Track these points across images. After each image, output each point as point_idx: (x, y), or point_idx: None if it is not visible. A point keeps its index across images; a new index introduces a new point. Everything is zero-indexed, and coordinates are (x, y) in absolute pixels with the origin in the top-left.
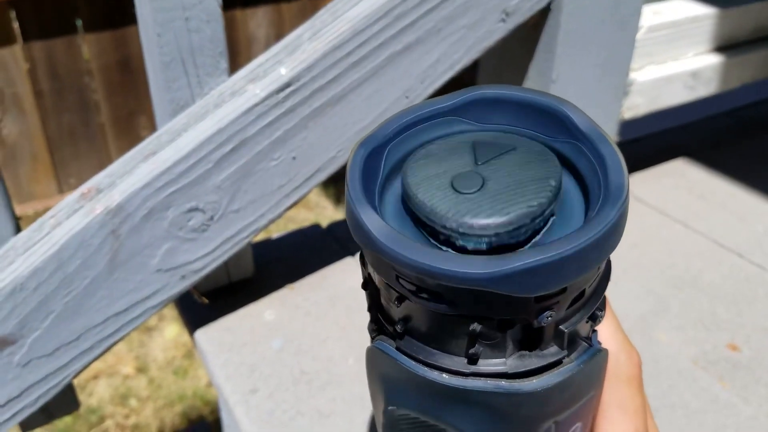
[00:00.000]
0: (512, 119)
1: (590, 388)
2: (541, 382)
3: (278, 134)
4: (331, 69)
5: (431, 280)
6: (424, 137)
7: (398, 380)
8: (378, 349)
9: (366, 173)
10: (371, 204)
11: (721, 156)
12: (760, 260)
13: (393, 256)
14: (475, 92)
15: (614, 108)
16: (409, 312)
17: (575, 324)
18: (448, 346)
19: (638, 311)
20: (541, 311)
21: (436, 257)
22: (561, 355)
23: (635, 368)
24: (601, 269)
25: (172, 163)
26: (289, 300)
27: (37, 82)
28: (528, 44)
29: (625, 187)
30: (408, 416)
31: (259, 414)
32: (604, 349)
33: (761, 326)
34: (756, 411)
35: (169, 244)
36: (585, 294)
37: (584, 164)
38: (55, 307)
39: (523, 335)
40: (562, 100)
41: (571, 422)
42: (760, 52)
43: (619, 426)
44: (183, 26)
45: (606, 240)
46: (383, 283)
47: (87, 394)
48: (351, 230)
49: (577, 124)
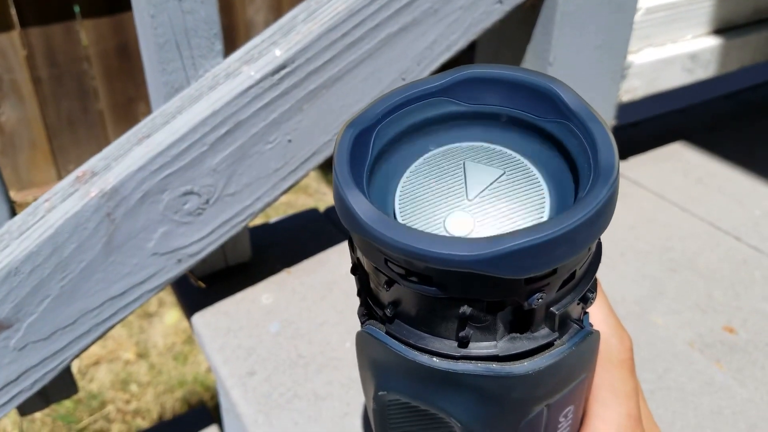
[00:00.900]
0: (502, 99)
1: (582, 371)
2: (532, 365)
3: (273, 116)
4: (327, 50)
5: (420, 263)
6: (414, 118)
7: (388, 365)
8: (368, 334)
9: (354, 155)
10: (359, 186)
11: (719, 139)
12: (757, 243)
13: (381, 239)
14: (465, 72)
15: (612, 91)
16: (398, 296)
17: (566, 306)
18: (438, 329)
19: (635, 295)
20: (531, 293)
21: (424, 240)
22: (552, 337)
23: (627, 352)
24: (592, 250)
25: (167, 145)
26: (286, 284)
27: (36, 68)
28: (525, 26)
29: (616, 166)
30: (398, 401)
31: (256, 397)
32: (596, 331)
33: (758, 309)
34: (752, 393)
35: (165, 227)
36: (576, 275)
37: (574, 144)
38: (50, 291)
39: (513, 317)
40: (552, 78)
41: (564, 405)
42: (759, 35)
43: (612, 409)
44: (177, 7)
45: (596, 220)
46: (372, 267)
47: (88, 380)
48: (338, 214)
49: (567, 102)
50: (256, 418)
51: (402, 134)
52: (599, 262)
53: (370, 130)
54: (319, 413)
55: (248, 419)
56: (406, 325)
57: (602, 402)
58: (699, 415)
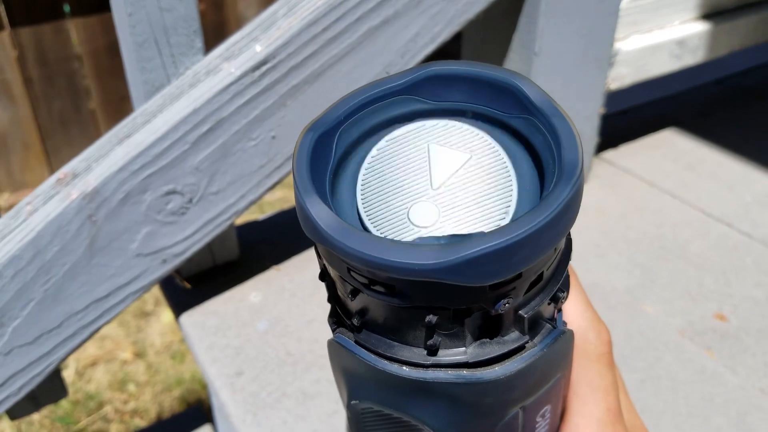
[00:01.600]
0: (467, 95)
1: (556, 371)
2: (503, 369)
3: (256, 113)
4: (308, 45)
5: (381, 273)
6: (378, 118)
7: (359, 374)
8: (337, 343)
9: (315, 159)
10: (319, 193)
11: (710, 125)
12: (749, 229)
13: (340, 248)
14: (428, 69)
15: (599, 79)
16: (364, 305)
17: (535, 308)
18: (406, 337)
19: (625, 284)
20: (497, 299)
21: (385, 249)
22: (523, 340)
23: (605, 345)
24: (559, 249)
25: (148, 145)
26: (275, 282)
27: (27, 68)
28: (510, 16)
29: (579, 163)
30: (371, 409)
31: (244, 396)
32: (569, 331)
33: (749, 295)
34: (743, 381)
35: (148, 228)
36: (543, 276)
37: (539, 139)
38: (34, 295)
39: (481, 323)
40: (516, 73)
41: (540, 406)
42: (748, 19)
43: (591, 405)
44: (155, 5)
45: (560, 220)
46: (337, 275)
47: (85, 381)
48: (300, 221)
49: (530, 97)
50: (244, 418)
51: (366, 134)
52: (569, 260)
53: (331, 132)
54: (307, 412)
55: (236, 419)
56: (375, 333)
57: (581, 398)
58: (690, 404)
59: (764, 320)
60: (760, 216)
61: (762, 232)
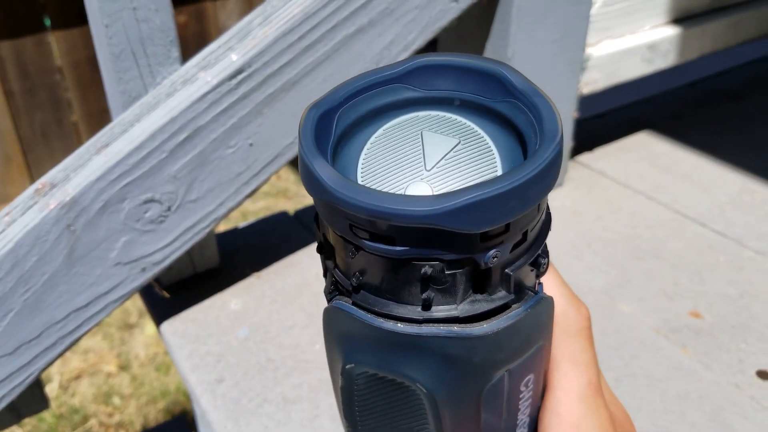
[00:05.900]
0: (455, 84)
1: (539, 337)
2: (491, 326)
3: (233, 121)
4: (284, 54)
5: (383, 222)
6: (373, 103)
7: (355, 336)
8: (335, 308)
9: (318, 133)
10: (324, 156)
11: (683, 128)
12: (722, 228)
13: (345, 200)
14: (420, 60)
15: (572, 83)
16: (363, 265)
17: (520, 267)
18: (402, 295)
19: (601, 284)
20: (486, 250)
21: (386, 198)
22: (509, 298)
23: (584, 321)
24: (542, 213)
25: (125, 154)
26: (255, 288)
27: (7, 81)
28: (483, 23)
29: (559, 131)
30: (365, 373)
31: (225, 403)
32: (549, 297)
33: (723, 293)
34: (718, 376)
35: (127, 236)
36: (527, 238)
37: (522, 119)
38: (13, 305)
39: (472, 278)
40: (500, 62)
41: (524, 373)
42: (718, 22)
43: (573, 378)
44: (131, 16)
45: (544, 176)
46: (338, 238)
47: (70, 394)
48: (303, 182)
49: (514, 82)
50: (225, 425)
51: (362, 118)
52: (549, 230)
53: (332, 112)
54: (288, 417)
55: (218, 426)
56: (372, 294)
57: (563, 372)
58: (666, 400)
59: (738, 317)
60: (734, 216)
61: (736, 231)
